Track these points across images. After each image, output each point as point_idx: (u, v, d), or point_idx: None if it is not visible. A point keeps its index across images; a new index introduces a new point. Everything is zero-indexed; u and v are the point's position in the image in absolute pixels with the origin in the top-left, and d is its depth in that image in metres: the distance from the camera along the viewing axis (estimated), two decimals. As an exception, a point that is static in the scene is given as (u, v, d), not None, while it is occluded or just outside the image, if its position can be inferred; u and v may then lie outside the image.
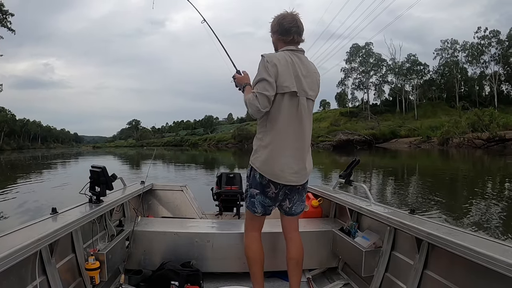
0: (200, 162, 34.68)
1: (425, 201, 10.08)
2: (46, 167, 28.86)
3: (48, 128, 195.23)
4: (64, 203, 2.85)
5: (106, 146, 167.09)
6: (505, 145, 33.32)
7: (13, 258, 1.83)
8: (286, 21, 2.67)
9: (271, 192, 2.69)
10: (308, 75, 2.67)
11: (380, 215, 2.96)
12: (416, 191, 12.36)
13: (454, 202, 10.51)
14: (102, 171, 3.11)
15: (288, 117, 2.59)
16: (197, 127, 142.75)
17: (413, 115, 71.66)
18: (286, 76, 2.54)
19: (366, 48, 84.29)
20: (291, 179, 2.65)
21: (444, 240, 2.17)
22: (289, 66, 2.57)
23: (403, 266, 2.76)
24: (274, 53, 2.70)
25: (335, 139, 49.71)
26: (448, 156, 29.83)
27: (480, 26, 74.21)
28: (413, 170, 20.98)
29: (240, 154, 48.90)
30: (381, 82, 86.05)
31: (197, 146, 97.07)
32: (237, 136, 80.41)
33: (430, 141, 42.27)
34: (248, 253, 2.85)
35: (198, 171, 23.68)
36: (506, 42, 69.50)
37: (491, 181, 15.30)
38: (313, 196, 4.32)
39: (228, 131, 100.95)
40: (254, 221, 2.86)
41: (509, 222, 7.79)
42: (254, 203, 2.75)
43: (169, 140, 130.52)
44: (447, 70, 78.07)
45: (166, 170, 23.59)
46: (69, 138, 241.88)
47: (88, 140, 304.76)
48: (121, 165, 29.98)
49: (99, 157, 51.24)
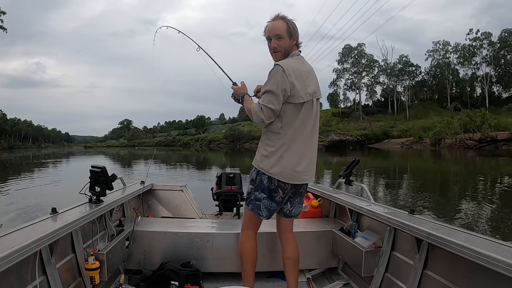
0: (192, 162, 34.60)
1: (418, 201, 10.16)
2: (38, 167, 28.72)
3: (39, 127, 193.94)
4: (56, 203, 2.82)
5: (97, 146, 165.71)
6: (496, 145, 33.60)
7: (13, 258, 1.82)
8: (293, 27, 2.68)
9: (278, 196, 2.70)
10: (311, 76, 2.70)
11: (380, 215, 2.97)
12: (408, 191, 12.45)
13: (446, 201, 10.66)
14: (102, 171, 3.10)
15: (305, 122, 2.63)
16: (189, 127, 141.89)
17: (404, 115, 71.92)
18: (301, 87, 2.56)
19: (358, 49, 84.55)
20: (302, 178, 2.69)
21: (444, 240, 2.18)
22: (301, 74, 2.59)
23: (403, 266, 2.77)
24: (287, 60, 2.63)
25: (328, 139, 49.74)
26: (441, 157, 30.08)
27: (472, 28, 75.36)
28: (405, 170, 21.11)
29: (232, 154, 48.98)
30: (373, 83, 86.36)
31: (189, 146, 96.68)
32: (229, 136, 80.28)
33: (422, 141, 42.51)
34: (241, 250, 2.88)
35: (191, 170, 23.65)
36: (498, 44, 70.12)
37: (487, 180, 15.49)
38: (313, 196, 4.33)
39: (220, 131, 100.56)
40: (253, 221, 2.88)
41: (501, 220, 7.94)
42: (260, 206, 2.75)
43: (161, 140, 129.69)
44: (439, 71, 78.53)
45: (159, 169, 23.51)
46: (60, 138, 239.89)
47: (80, 140, 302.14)
48: (113, 165, 29.82)
49: (91, 157, 50.92)
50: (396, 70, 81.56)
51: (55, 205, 2.71)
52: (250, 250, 2.87)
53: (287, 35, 2.67)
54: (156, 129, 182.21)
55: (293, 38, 2.69)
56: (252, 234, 2.90)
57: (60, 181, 17.07)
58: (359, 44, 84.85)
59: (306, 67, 2.69)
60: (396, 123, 61.57)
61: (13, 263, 1.83)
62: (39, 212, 8.24)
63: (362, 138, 50.49)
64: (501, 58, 70.58)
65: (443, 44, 78.58)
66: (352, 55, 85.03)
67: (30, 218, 2.58)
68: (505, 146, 32.92)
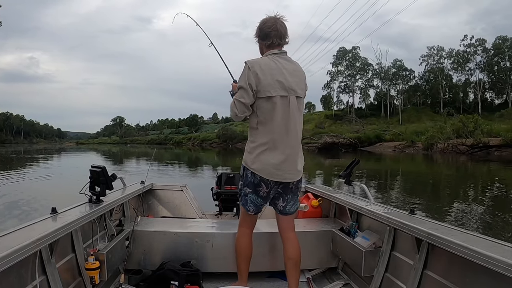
0: (184, 161, 34.57)
1: (407, 203, 10.21)
2: (29, 163, 28.64)
3: (32, 122, 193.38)
4: (47, 199, 2.81)
5: (89, 142, 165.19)
6: (488, 151, 33.85)
7: (13, 258, 1.82)
8: (266, 26, 2.77)
9: (262, 191, 2.78)
10: (295, 74, 2.75)
11: (380, 215, 2.99)
12: (400, 193, 12.52)
13: (436, 203, 10.76)
14: (102, 171, 3.10)
15: (279, 117, 2.67)
16: (182, 126, 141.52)
17: (397, 119, 72.18)
18: (268, 81, 2.64)
19: (353, 52, 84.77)
20: (285, 176, 2.73)
21: (444, 240, 2.19)
22: (271, 70, 2.66)
23: (403, 266, 2.79)
24: (257, 58, 2.78)
25: (321, 141, 49.91)
26: (433, 161, 30.26)
27: (466, 34, 75.57)
28: (397, 173, 21.20)
29: (224, 153, 48.95)
30: (367, 86, 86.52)
31: (181, 145, 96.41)
32: (221, 136, 80.00)
33: (415, 146, 42.66)
34: (236, 246, 3.00)
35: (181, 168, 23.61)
36: (492, 50, 70.52)
37: (478, 184, 15.61)
38: (313, 196, 4.35)
39: (213, 131, 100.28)
40: (246, 217, 2.97)
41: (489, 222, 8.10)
42: (247, 201, 2.86)
43: (153, 138, 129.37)
44: (433, 76, 78.92)
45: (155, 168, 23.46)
46: (52, 133, 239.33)
47: (71, 136, 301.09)
48: (105, 163, 29.71)
49: (83, 154, 50.70)
50: (390, 74, 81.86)
51: (42, 199, 2.70)
52: (243, 246, 2.96)
53: (257, 37, 2.87)
54: (148, 127, 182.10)
55: (261, 39, 2.83)
56: (246, 231, 2.99)
57: (51, 175, 17.02)
58: (354, 47, 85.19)
59: (284, 65, 2.73)
60: (388, 126, 61.74)
61: (13, 263, 1.83)
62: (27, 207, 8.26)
63: (354, 141, 50.58)
64: (494, 64, 70.99)
65: (437, 49, 79.02)
66: (346, 57, 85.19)
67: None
68: (497, 152, 33.18)
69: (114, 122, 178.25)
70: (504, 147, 33.14)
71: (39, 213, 4.64)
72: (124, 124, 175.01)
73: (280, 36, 2.75)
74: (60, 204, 2.82)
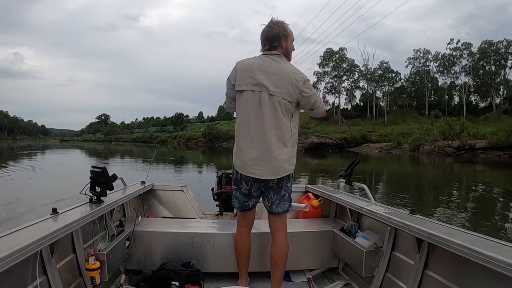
0: (168, 161, 34.46)
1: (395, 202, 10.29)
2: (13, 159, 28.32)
3: (15, 119, 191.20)
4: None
5: (74, 140, 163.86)
6: (474, 153, 34.37)
7: (14, 258, 1.82)
8: (261, 34, 2.87)
9: (243, 188, 2.90)
10: (278, 73, 2.77)
11: (380, 215, 3.00)
12: (390, 193, 12.60)
13: (422, 202, 10.90)
14: (102, 171, 3.08)
15: (248, 112, 2.76)
16: (167, 124, 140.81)
17: (383, 121, 72.96)
18: (243, 77, 2.77)
19: (339, 53, 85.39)
20: (253, 171, 2.77)
21: (444, 240, 2.20)
22: (250, 66, 2.78)
23: (404, 266, 2.80)
24: (248, 58, 2.90)
25: (308, 141, 49.96)
26: (419, 162, 30.56)
27: (453, 38, 76.21)
28: (383, 173, 21.37)
29: (210, 153, 48.82)
30: (353, 87, 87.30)
31: (167, 143, 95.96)
32: (207, 134, 79.74)
33: (401, 147, 43.02)
34: (234, 244, 3.14)
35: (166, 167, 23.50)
36: (477, 54, 71.63)
37: (462, 185, 15.80)
38: (314, 196, 4.36)
39: (198, 130, 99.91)
40: (239, 215, 3.14)
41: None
42: (233, 197, 3.05)
43: (138, 136, 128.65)
44: (418, 79, 79.98)
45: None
46: (36, 130, 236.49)
47: (56, 133, 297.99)
48: (90, 161, 29.49)
49: (67, 151, 50.24)
50: (376, 76, 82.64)
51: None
52: (240, 243, 3.08)
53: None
54: (134, 125, 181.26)
55: (262, 41, 2.91)
56: (242, 229, 3.09)
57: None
58: (341, 48, 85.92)
59: (267, 63, 2.79)
60: (374, 128, 62.21)
61: (13, 263, 1.82)
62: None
63: (341, 142, 50.82)
64: (480, 68, 72.19)
65: (423, 52, 80.00)
66: (333, 59, 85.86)
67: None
68: (482, 154, 33.76)
69: (99, 120, 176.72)
70: (489, 150, 33.79)
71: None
72: (109, 121, 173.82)
73: (268, 40, 2.83)
74: (60, 204, 2.80)
